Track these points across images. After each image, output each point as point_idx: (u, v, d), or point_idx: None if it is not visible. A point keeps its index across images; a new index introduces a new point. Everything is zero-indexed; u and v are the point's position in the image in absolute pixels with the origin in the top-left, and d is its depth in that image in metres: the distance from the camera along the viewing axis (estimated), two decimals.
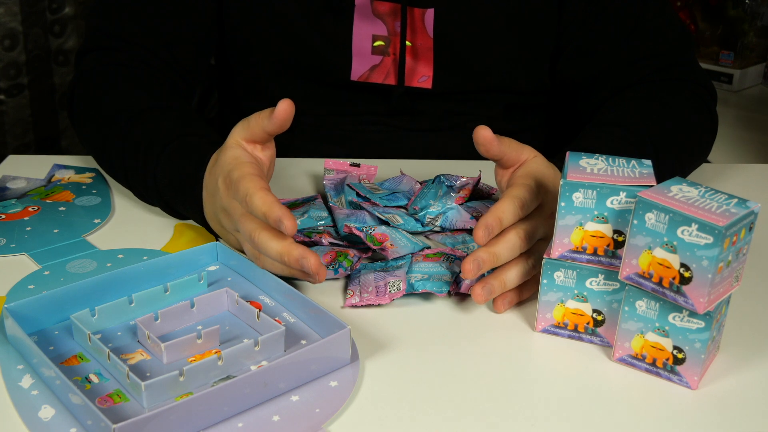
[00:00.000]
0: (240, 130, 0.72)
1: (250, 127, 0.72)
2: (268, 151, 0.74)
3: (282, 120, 0.69)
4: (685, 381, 0.62)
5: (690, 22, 1.77)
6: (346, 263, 0.74)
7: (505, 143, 0.71)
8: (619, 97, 0.96)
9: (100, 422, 0.52)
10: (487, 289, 0.68)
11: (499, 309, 0.70)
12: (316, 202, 0.87)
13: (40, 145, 1.85)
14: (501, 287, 0.69)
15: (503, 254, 0.68)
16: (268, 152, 0.74)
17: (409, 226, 0.81)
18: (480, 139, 0.70)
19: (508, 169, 0.73)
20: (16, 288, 0.72)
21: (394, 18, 0.98)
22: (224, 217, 0.72)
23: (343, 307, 0.71)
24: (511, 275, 0.69)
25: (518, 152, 0.72)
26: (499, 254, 0.67)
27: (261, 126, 0.71)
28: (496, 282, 0.68)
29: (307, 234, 0.79)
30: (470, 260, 0.66)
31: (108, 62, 0.94)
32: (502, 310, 0.70)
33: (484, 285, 0.68)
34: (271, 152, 0.75)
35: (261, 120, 0.71)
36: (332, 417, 0.57)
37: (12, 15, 1.70)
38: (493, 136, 0.70)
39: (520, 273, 0.70)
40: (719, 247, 0.56)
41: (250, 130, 0.72)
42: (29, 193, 0.90)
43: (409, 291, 0.71)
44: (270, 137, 0.72)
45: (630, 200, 0.62)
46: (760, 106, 1.67)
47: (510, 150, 0.72)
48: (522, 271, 0.70)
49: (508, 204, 0.68)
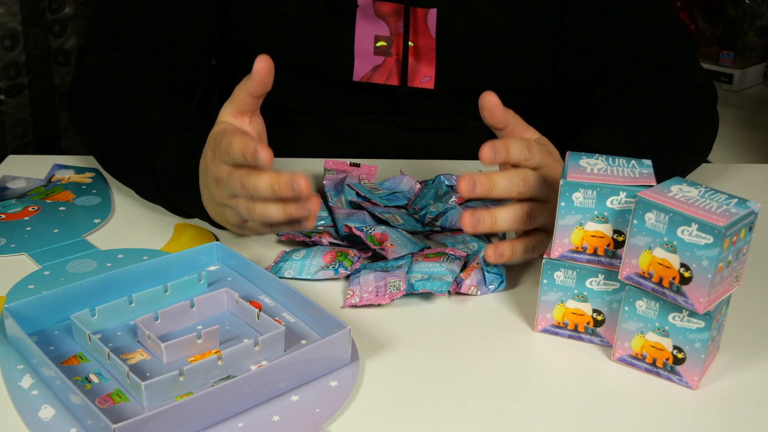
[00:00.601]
0: (226, 105, 0.71)
1: (234, 98, 0.70)
2: (255, 125, 0.73)
3: (261, 77, 0.68)
4: (685, 381, 0.62)
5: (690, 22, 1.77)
6: (346, 263, 0.74)
7: (510, 113, 0.71)
8: (620, 97, 0.96)
9: (100, 422, 0.52)
10: (476, 218, 0.66)
11: (489, 257, 0.69)
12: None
13: (40, 145, 1.85)
14: (491, 220, 0.67)
15: (500, 183, 0.66)
16: (256, 126, 0.73)
17: (409, 226, 0.81)
18: (485, 104, 0.70)
19: None
20: (16, 288, 0.72)
21: (397, 18, 0.98)
22: (216, 188, 0.70)
23: (343, 306, 0.71)
24: (503, 214, 0.68)
25: (523, 127, 0.72)
26: (496, 181, 0.66)
27: (244, 90, 0.69)
28: (487, 215, 0.67)
29: (307, 234, 0.79)
30: (467, 176, 0.65)
31: (108, 62, 0.94)
32: (492, 260, 0.69)
33: (473, 214, 0.67)
34: (259, 127, 0.73)
35: (243, 85, 0.69)
36: (332, 417, 0.57)
37: (12, 15, 1.70)
38: (498, 102, 0.69)
39: (513, 216, 0.68)
40: (719, 247, 0.56)
41: (235, 101, 0.70)
42: (29, 193, 0.90)
43: (409, 291, 0.71)
44: (255, 101, 0.70)
45: (630, 200, 0.62)
46: (760, 106, 1.67)
47: (515, 122, 0.71)
48: (515, 215, 0.68)
49: (516, 140, 0.67)
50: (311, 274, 0.74)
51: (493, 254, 0.69)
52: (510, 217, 0.69)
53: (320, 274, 0.74)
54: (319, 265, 0.74)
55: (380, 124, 1.05)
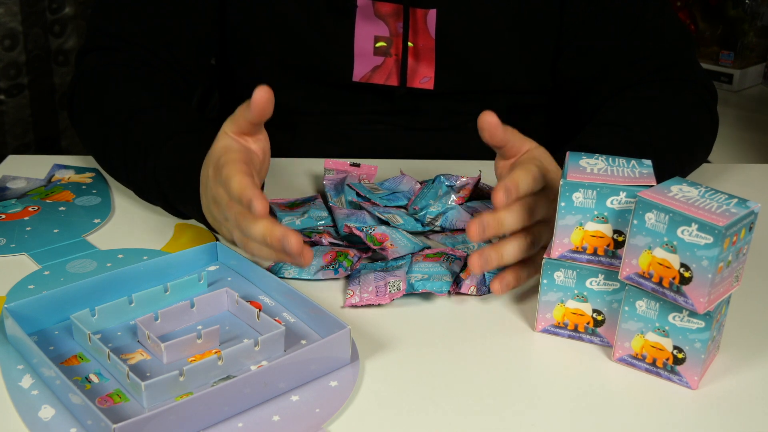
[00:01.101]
0: (228, 123, 0.71)
1: (235, 120, 0.70)
2: (259, 143, 0.73)
3: (260, 107, 0.68)
4: (685, 381, 0.62)
5: (690, 22, 1.77)
6: (346, 263, 0.74)
7: (509, 132, 0.71)
8: (620, 97, 0.96)
9: (100, 422, 0.52)
10: (484, 258, 0.67)
11: (496, 290, 0.70)
12: (316, 202, 0.87)
13: (40, 145, 1.85)
14: (498, 258, 0.68)
15: (508, 219, 0.67)
16: (260, 144, 0.73)
17: (409, 226, 0.81)
18: (485, 125, 0.70)
19: (508, 160, 0.73)
20: (16, 288, 0.72)
21: (396, 19, 0.98)
22: (214, 207, 0.71)
23: (343, 306, 0.71)
24: (509, 249, 0.68)
25: (521, 142, 0.72)
26: (503, 219, 0.67)
27: (243, 117, 0.70)
28: (493, 252, 0.68)
29: (307, 234, 0.79)
30: (476, 221, 0.66)
31: (108, 62, 0.94)
32: (500, 292, 0.70)
33: (481, 254, 0.67)
34: (263, 144, 0.73)
35: (243, 111, 0.69)
36: (332, 417, 0.57)
37: (12, 15, 1.70)
38: (498, 122, 0.70)
39: (518, 248, 0.69)
40: (719, 247, 0.56)
41: (236, 123, 0.71)
42: (29, 193, 0.90)
43: (410, 291, 0.71)
44: (256, 128, 0.71)
45: (630, 200, 0.62)
46: (760, 106, 1.67)
47: (514, 139, 0.72)
48: (520, 247, 0.69)
49: (523, 173, 0.67)
50: (311, 274, 0.74)
51: (500, 287, 0.70)
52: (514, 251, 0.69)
53: (320, 274, 0.74)
54: (319, 265, 0.74)
55: (380, 125, 1.05)
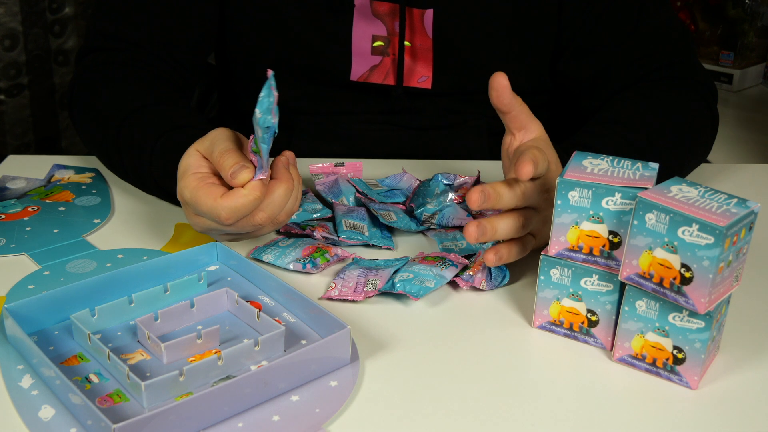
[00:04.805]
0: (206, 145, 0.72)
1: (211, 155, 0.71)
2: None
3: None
4: (685, 381, 0.62)
5: (690, 22, 1.77)
6: (320, 260, 0.75)
7: (517, 100, 0.73)
8: (620, 96, 0.96)
9: (100, 422, 0.52)
10: (481, 227, 0.69)
11: (488, 261, 0.71)
12: (308, 196, 0.88)
13: (40, 145, 1.85)
14: (492, 231, 0.70)
15: (505, 196, 0.69)
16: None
17: (403, 224, 0.82)
18: (495, 84, 0.72)
19: (515, 134, 0.75)
20: (16, 288, 0.72)
21: (393, 18, 0.98)
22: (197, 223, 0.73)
23: (320, 298, 0.71)
24: (502, 225, 0.70)
25: (528, 117, 0.74)
26: (501, 193, 0.69)
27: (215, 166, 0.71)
28: (488, 224, 0.70)
29: (302, 226, 0.80)
30: (477, 189, 0.68)
31: (108, 62, 0.94)
32: (492, 263, 0.71)
33: (479, 224, 0.69)
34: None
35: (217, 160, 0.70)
36: (332, 417, 0.57)
37: (12, 15, 1.70)
38: (508, 85, 0.72)
39: (510, 225, 0.71)
40: (720, 248, 0.56)
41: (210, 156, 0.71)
42: (29, 193, 0.90)
43: (389, 290, 0.71)
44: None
45: (625, 201, 0.62)
46: (760, 106, 1.67)
47: (521, 110, 0.73)
48: (511, 225, 0.71)
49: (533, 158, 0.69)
50: (285, 263, 0.75)
51: (494, 258, 0.71)
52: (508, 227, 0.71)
53: (291, 265, 0.75)
54: (295, 256, 0.75)
55: (378, 124, 1.05)
